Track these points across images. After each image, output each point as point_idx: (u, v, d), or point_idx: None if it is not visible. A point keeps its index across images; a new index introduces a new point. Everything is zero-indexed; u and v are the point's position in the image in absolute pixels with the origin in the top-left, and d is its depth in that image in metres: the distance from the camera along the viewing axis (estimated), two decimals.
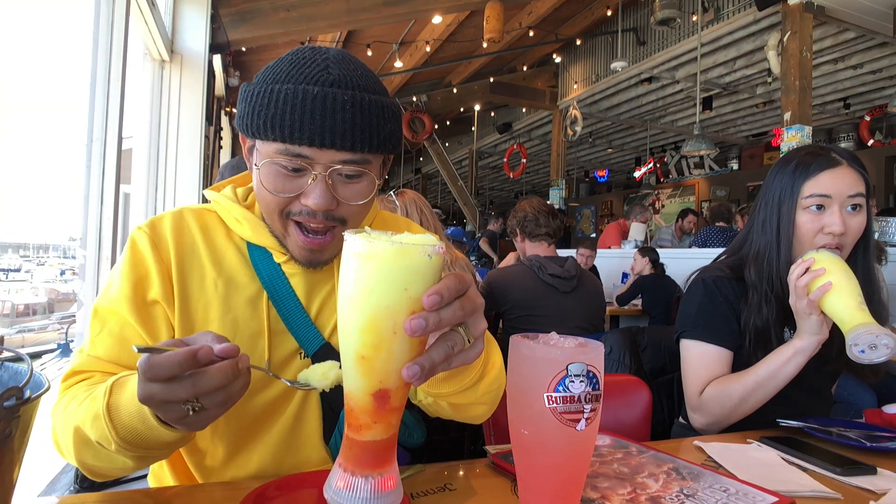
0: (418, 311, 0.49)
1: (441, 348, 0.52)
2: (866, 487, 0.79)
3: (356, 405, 0.53)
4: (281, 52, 3.65)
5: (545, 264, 2.35)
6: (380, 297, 0.49)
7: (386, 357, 0.50)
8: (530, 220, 2.44)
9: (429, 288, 0.49)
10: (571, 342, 0.58)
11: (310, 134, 0.69)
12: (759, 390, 1.11)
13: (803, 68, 4.80)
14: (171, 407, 0.53)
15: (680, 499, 0.70)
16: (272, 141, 0.71)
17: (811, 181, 1.16)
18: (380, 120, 0.73)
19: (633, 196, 13.00)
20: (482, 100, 9.56)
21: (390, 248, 0.48)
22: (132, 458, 0.63)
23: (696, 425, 1.20)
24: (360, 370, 0.51)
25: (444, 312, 0.51)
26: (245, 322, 0.80)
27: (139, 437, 0.59)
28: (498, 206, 20.23)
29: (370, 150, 0.73)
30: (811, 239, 1.16)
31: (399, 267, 0.49)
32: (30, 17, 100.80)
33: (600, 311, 2.50)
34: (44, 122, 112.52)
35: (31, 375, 0.45)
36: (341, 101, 0.70)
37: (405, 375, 0.50)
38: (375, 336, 0.50)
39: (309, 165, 0.72)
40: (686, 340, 1.26)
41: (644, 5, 7.08)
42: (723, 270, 1.27)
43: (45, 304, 5.33)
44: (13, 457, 0.43)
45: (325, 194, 0.72)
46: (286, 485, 0.71)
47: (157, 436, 0.59)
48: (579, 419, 0.54)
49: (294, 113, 0.69)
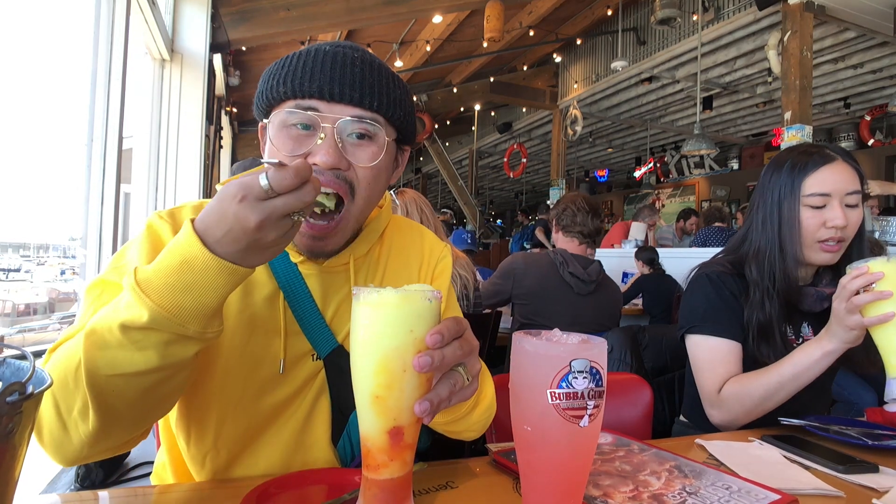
0: (423, 351, 0.55)
1: (445, 385, 0.57)
2: (868, 485, 0.79)
3: (373, 444, 0.57)
4: (281, 51, 3.67)
5: (568, 260, 2.34)
6: (390, 339, 0.55)
7: (398, 395, 0.55)
8: (568, 214, 2.43)
9: (431, 329, 0.55)
10: (574, 339, 0.58)
11: (319, 84, 0.72)
12: (782, 390, 1.10)
13: (803, 68, 4.80)
14: (282, 222, 0.57)
15: (682, 496, 0.70)
16: (283, 99, 0.74)
17: (811, 178, 1.18)
18: (389, 83, 0.76)
19: (634, 196, 13.00)
20: (482, 99, 9.55)
21: (396, 295, 0.55)
22: (155, 349, 0.58)
23: (715, 421, 1.19)
24: (376, 409, 0.56)
25: (447, 350, 0.56)
26: (262, 320, 0.79)
27: (176, 303, 0.57)
28: (498, 206, 20.25)
29: (379, 107, 0.75)
30: (813, 234, 1.18)
31: (405, 311, 0.55)
32: (29, 17, 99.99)
33: (612, 320, 2.47)
34: (44, 122, 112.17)
35: (33, 371, 0.45)
36: (351, 58, 0.74)
37: (417, 411, 0.55)
38: (387, 376, 0.55)
39: (319, 119, 0.73)
40: (695, 336, 1.24)
41: (644, 5, 7.08)
42: (724, 266, 1.27)
43: (45, 303, 5.34)
44: (15, 453, 0.43)
45: (333, 150, 0.72)
46: (288, 482, 0.71)
47: (205, 285, 0.57)
48: (582, 415, 0.54)
49: (305, 66, 0.73)
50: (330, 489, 0.71)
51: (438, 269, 0.96)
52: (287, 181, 0.55)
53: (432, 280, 0.95)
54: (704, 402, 1.22)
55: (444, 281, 0.95)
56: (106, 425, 0.61)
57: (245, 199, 0.55)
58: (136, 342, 0.58)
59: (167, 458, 0.87)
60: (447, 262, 0.97)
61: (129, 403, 0.62)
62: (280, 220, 0.57)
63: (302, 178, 0.56)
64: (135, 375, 0.59)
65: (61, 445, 0.63)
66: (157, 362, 0.59)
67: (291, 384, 0.81)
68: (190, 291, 0.57)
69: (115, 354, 0.58)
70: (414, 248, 0.95)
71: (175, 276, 0.57)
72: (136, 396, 0.61)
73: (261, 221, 0.55)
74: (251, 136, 9.13)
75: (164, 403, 0.68)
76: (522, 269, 2.38)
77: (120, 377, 0.59)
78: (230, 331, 0.77)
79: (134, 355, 0.58)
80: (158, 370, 0.60)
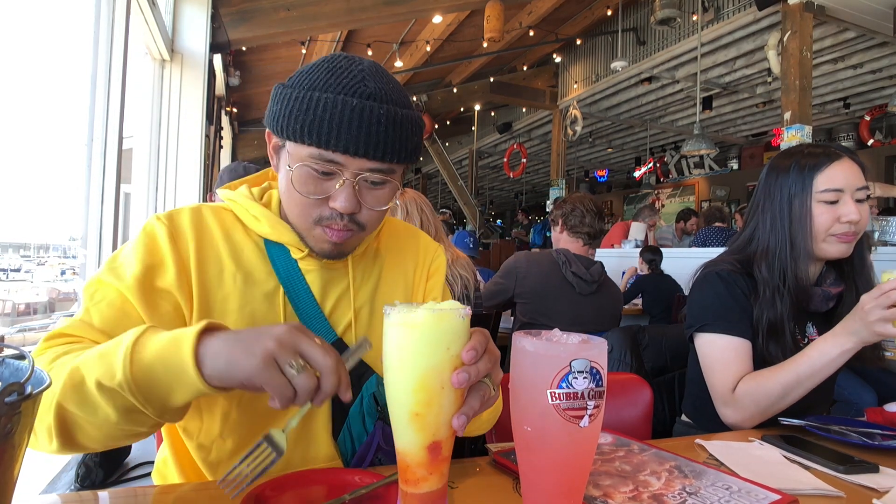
0: (459, 367, 0.57)
1: (476, 397, 0.59)
2: (868, 485, 0.79)
3: (412, 460, 0.58)
4: (281, 51, 3.68)
5: (571, 260, 2.34)
6: (428, 358, 0.56)
7: (437, 411, 0.56)
8: (577, 214, 2.43)
9: (464, 345, 0.57)
10: (575, 338, 0.58)
11: (345, 143, 0.74)
12: (799, 388, 1.09)
13: (803, 68, 4.80)
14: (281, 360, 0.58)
15: (682, 496, 0.70)
16: (307, 145, 0.75)
17: (823, 175, 1.18)
18: (409, 133, 0.78)
19: (633, 196, 13.00)
20: (482, 100, 9.55)
21: (431, 314, 0.56)
22: (119, 411, 0.61)
23: (729, 421, 1.18)
24: (415, 426, 0.57)
25: (480, 364, 0.58)
26: (262, 316, 0.82)
27: (153, 379, 0.60)
28: (498, 206, 20.25)
29: (398, 161, 0.78)
30: (826, 230, 1.18)
31: (441, 330, 0.56)
32: (29, 16, 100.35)
33: (613, 321, 2.47)
34: (44, 122, 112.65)
35: (32, 371, 0.45)
36: (377, 115, 0.74)
37: (455, 425, 0.57)
38: (426, 394, 0.56)
39: (339, 170, 0.76)
40: (706, 334, 1.23)
41: (644, 5, 7.08)
42: (733, 265, 1.27)
43: (45, 303, 5.33)
44: (14, 453, 0.43)
45: (351, 198, 0.76)
46: (288, 482, 0.70)
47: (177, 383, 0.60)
48: (582, 416, 0.54)
49: (332, 121, 0.73)
50: (330, 489, 0.71)
51: (433, 268, 0.99)
52: (329, 380, 0.58)
53: (427, 279, 0.98)
54: (717, 401, 1.20)
55: (438, 279, 0.99)
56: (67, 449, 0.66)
57: (283, 347, 0.58)
58: (99, 402, 0.61)
59: (169, 453, 0.88)
60: (441, 262, 1.01)
61: (89, 437, 0.65)
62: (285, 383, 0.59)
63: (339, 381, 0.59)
64: (98, 425, 0.63)
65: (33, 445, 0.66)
66: (114, 419, 0.62)
67: None
68: (163, 383, 0.60)
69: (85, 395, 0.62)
70: (409, 248, 0.99)
71: (159, 365, 0.60)
72: (96, 434, 0.64)
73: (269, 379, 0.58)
74: (251, 136, 9.13)
75: (128, 441, 0.69)
76: (525, 267, 2.38)
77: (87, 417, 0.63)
78: (232, 326, 0.78)
79: (99, 406, 0.61)
80: (117, 425, 0.63)
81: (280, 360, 0.57)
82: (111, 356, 0.61)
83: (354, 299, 0.88)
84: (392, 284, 0.93)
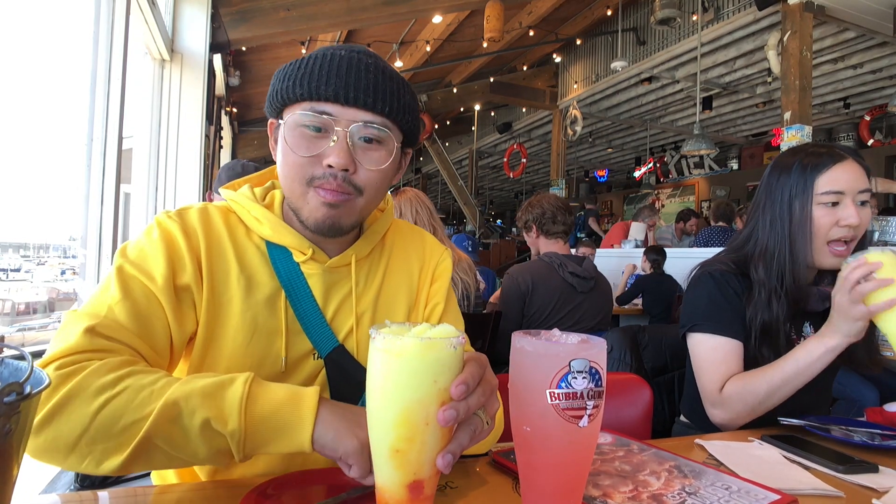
0: (447, 401, 0.53)
1: (466, 433, 0.56)
2: (868, 485, 0.79)
3: (391, 498, 0.54)
4: (281, 51, 3.69)
5: (565, 262, 2.34)
6: (413, 391, 0.51)
7: (420, 448, 0.52)
8: (548, 217, 2.42)
9: (455, 377, 0.53)
10: (574, 338, 0.58)
11: (335, 89, 0.74)
12: (785, 387, 1.09)
13: (803, 68, 4.80)
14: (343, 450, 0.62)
15: (682, 496, 0.70)
16: (298, 101, 0.76)
17: (824, 176, 1.17)
18: (400, 88, 0.78)
19: (634, 196, 13.00)
20: (482, 99, 9.55)
21: (419, 343, 0.51)
22: (211, 451, 0.62)
23: (717, 420, 1.19)
24: (395, 463, 0.53)
25: (471, 399, 0.55)
26: (264, 320, 0.80)
27: (263, 431, 0.62)
28: (498, 206, 20.24)
29: (390, 113, 0.77)
30: (826, 233, 1.17)
31: (428, 361, 0.52)
32: (29, 16, 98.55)
33: (608, 314, 2.49)
34: (44, 122, 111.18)
35: (31, 371, 0.45)
36: (365, 64, 0.76)
37: (440, 465, 0.53)
38: (409, 429, 0.52)
39: (332, 123, 0.75)
40: (697, 334, 1.24)
41: (644, 5, 7.08)
42: (727, 265, 1.27)
43: (45, 303, 5.33)
44: (12, 453, 0.43)
45: (345, 153, 0.75)
46: (288, 482, 0.70)
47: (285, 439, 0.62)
48: (582, 416, 0.54)
49: (321, 70, 0.75)
50: (329, 489, 0.71)
51: (438, 272, 0.97)
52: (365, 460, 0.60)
53: (432, 282, 0.96)
54: (705, 401, 1.21)
55: (443, 283, 0.97)
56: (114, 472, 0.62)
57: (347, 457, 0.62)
58: (201, 436, 0.62)
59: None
60: (447, 265, 0.99)
61: (151, 465, 0.65)
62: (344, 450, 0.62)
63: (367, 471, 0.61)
64: (176, 457, 0.63)
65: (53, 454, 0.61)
66: (201, 457, 0.63)
67: (293, 383, 0.81)
68: (270, 437, 0.62)
69: (177, 433, 0.62)
70: (415, 250, 0.97)
71: (272, 421, 0.62)
72: (163, 464, 0.64)
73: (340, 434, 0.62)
74: (251, 136, 9.12)
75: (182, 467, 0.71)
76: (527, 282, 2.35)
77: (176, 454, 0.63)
78: (233, 330, 0.78)
79: (191, 443, 0.62)
80: (193, 462, 0.65)
81: None
82: (220, 400, 0.62)
83: (357, 305, 0.86)
84: (396, 288, 0.92)
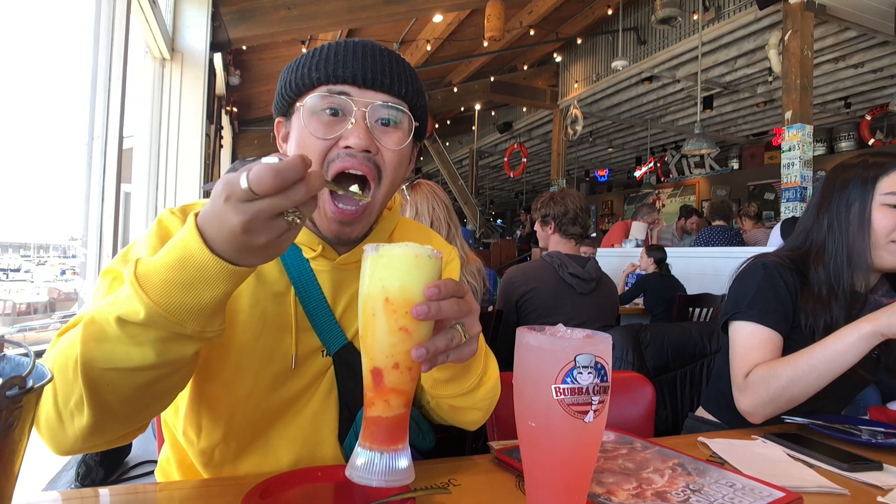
0: (414, 302, 0.57)
1: (443, 339, 0.59)
2: (873, 483, 0.78)
3: (365, 381, 0.61)
4: (282, 50, 3.68)
5: (566, 262, 2.32)
6: (370, 286, 0.58)
7: (372, 336, 0.58)
8: (570, 217, 2.38)
9: (425, 284, 0.57)
10: (579, 334, 0.58)
11: (353, 70, 0.75)
12: (812, 374, 1.05)
13: (804, 67, 4.80)
14: (274, 224, 0.54)
15: (686, 494, 0.70)
16: (315, 85, 0.76)
17: (889, 178, 1.17)
18: (412, 75, 0.81)
19: (634, 195, 13.00)
20: (483, 99, 9.55)
21: (402, 248, 0.58)
22: (152, 345, 0.56)
23: (741, 407, 1.16)
24: (361, 347, 0.61)
25: (444, 304, 0.57)
26: (272, 316, 0.79)
27: (173, 301, 0.55)
28: (498, 206, 20.24)
29: (406, 95, 0.78)
30: (885, 236, 1.16)
31: (394, 262, 0.58)
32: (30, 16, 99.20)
33: (613, 316, 2.46)
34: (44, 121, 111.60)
35: (33, 365, 0.45)
36: (379, 49, 0.79)
37: (414, 356, 0.57)
38: (364, 317, 0.59)
39: (351, 104, 0.75)
40: (737, 322, 1.21)
41: (645, 4, 7.08)
42: (784, 260, 1.25)
43: (45, 303, 5.33)
44: (15, 447, 0.42)
45: (365, 133, 0.74)
46: (291, 479, 0.70)
47: (199, 279, 0.55)
48: (587, 411, 0.54)
49: (337, 55, 0.76)
50: (333, 487, 0.70)
51: (446, 273, 0.97)
52: (266, 182, 0.50)
53: None
54: (734, 388, 1.18)
55: None
56: (100, 420, 0.60)
57: (229, 199, 0.52)
58: (133, 337, 0.56)
59: (171, 453, 0.87)
60: (455, 265, 0.98)
61: (124, 399, 0.60)
62: (269, 221, 0.53)
63: (285, 179, 0.50)
64: (131, 371, 0.58)
65: (56, 436, 0.63)
66: (153, 359, 0.57)
67: (301, 380, 0.81)
68: (188, 289, 0.55)
69: (111, 348, 0.57)
70: None
71: (174, 272, 0.55)
72: (131, 392, 0.60)
73: (245, 223, 0.52)
74: (251, 135, 9.13)
75: (161, 400, 0.66)
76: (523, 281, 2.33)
77: (115, 371, 0.58)
78: (242, 325, 0.77)
79: (131, 350, 0.57)
80: (155, 367, 0.58)
81: None
82: (119, 295, 0.57)
83: None
84: None
